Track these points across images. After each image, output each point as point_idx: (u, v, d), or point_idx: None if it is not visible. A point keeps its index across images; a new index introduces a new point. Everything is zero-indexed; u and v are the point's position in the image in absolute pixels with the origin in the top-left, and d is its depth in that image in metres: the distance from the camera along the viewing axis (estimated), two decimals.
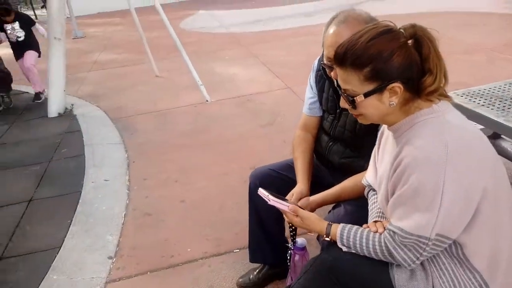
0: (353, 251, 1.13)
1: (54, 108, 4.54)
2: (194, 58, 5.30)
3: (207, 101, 4.52)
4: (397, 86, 1.00)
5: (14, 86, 5.89)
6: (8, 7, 4.90)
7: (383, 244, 1.06)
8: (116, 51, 8.17)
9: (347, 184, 1.50)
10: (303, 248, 1.54)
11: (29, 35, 5.04)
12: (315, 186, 1.62)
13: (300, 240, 1.54)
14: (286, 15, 9.95)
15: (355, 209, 1.44)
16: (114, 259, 2.27)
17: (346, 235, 1.14)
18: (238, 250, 2.19)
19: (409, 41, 1.01)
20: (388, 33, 1.00)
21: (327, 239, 1.19)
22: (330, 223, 1.20)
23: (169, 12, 3.71)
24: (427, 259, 1.07)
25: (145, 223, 2.56)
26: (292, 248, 1.55)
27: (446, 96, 1.06)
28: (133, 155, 3.49)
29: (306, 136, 1.73)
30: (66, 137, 3.90)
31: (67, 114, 4.54)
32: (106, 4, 14.42)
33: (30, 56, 5.03)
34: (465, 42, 5.68)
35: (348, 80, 1.04)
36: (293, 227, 1.53)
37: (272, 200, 1.24)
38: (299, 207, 1.31)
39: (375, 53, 0.99)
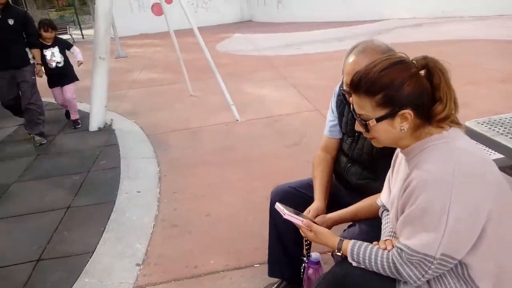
0: (363, 267, 1.19)
1: (95, 122, 4.84)
2: (227, 79, 5.53)
3: (237, 120, 4.69)
4: (408, 112, 1.08)
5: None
6: (53, 24, 4.73)
7: (390, 261, 1.12)
8: (154, 70, 8.59)
9: (363, 204, 1.57)
10: (317, 262, 1.60)
11: (67, 60, 4.89)
12: (334, 205, 1.70)
13: (314, 255, 1.60)
14: (317, 40, 10.13)
15: (370, 228, 1.50)
16: (142, 266, 2.40)
17: (356, 250, 1.20)
18: (258, 265, 2.27)
19: (421, 72, 1.09)
20: (399, 63, 1.10)
21: (338, 254, 1.26)
22: (342, 238, 1.27)
23: (206, 35, 3.91)
24: (434, 278, 1.12)
25: (172, 234, 2.69)
26: (307, 261, 1.62)
27: (457, 123, 1.13)
28: (164, 169, 3.67)
29: (326, 157, 1.82)
30: (105, 150, 4.16)
31: (107, 129, 4.82)
32: (148, 26, 15.18)
33: (70, 89, 4.90)
34: (503, 71, 5.59)
35: (362, 106, 1.13)
36: (308, 242, 1.60)
37: (287, 214, 1.33)
38: (314, 222, 1.40)
39: (387, 81, 1.08)
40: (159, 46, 11.96)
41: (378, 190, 1.50)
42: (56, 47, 4.71)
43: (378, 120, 1.11)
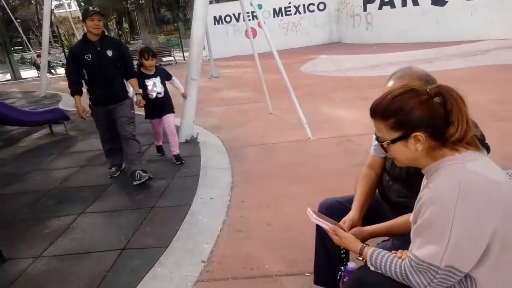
0: (379, 271, 1.31)
1: (183, 135, 5.41)
2: (306, 99, 5.76)
3: (309, 138, 4.88)
4: (419, 135, 1.19)
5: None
6: (153, 51, 4.48)
7: (402, 268, 1.23)
8: (241, 89, 9.18)
9: (398, 221, 1.66)
10: (353, 271, 1.71)
11: (167, 91, 4.58)
12: (376, 220, 1.79)
13: (350, 264, 1.72)
14: (404, 61, 9.84)
15: (402, 243, 1.59)
16: (206, 263, 2.70)
17: (375, 256, 1.33)
18: (308, 274, 2.41)
19: (436, 98, 1.21)
20: (411, 92, 1.22)
21: (360, 258, 1.39)
22: (365, 245, 1.40)
23: (293, 56, 4.07)
24: None
25: (236, 238, 2.97)
26: (343, 270, 1.74)
27: (475, 146, 1.21)
28: (237, 180, 4.00)
29: (370, 173, 1.93)
30: (188, 159, 4.65)
31: (193, 141, 5.36)
32: (240, 49, 16.16)
33: (171, 119, 4.58)
34: None
35: (379, 129, 1.28)
36: (344, 250, 1.73)
37: (314, 218, 1.49)
38: (343, 229, 1.54)
39: (398, 107, 1.21)
40: (249, 67, 12.67)
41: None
42: (158, 77, 4.41)
43: (393, 141, 1.24)
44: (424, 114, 1.19)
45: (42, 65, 12.59)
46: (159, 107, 4.49)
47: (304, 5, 17.26)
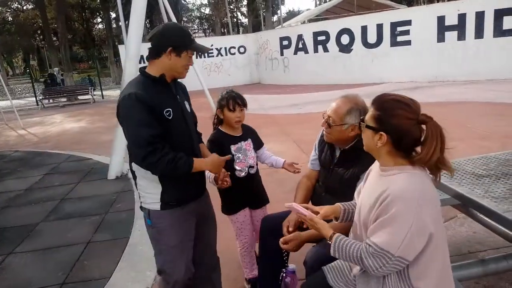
0: (337, 255, 1.50)
1: (113, 172, 5.39)
2: None
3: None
4: (384, 136, 1.40)
5: (79, 153, 7.00)
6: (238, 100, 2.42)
7: (359, 252, 1.42)
8: None
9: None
10: (293, 272, 2.01)
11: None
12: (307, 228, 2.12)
13: (291, 265, 2.02)
14: (319, 100, 10.88)
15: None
16: None
17: (339, 241, 1.51)
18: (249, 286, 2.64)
19: (420, 123, 1.38)
20: (407, 106, 1.40)
21: (329, 242, 1.57)
22: (335, 232, 1.58)
23: (217, 95, 4.36)
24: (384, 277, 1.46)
25: None
26: (285, 271, 2.02)
27: (433, 170, 1.42)
28: None
29: (307, 182, 2.34)
30: (121, 195, 4.65)
31: (123, 177, 5.35)
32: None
33: (265, 211, 2.69)
34: (484, 129, 6.11)
35: (370, 111, 1.47)
36: (286, 254, 2.02)
37: (295, 204, 1.67)
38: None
39: (388, 107, 1.41)
40: None
41: None
42: (249, 139, 2.54)
43: (367, 126, 1.46)
44: (399, 126, 1.38)
45: None
46: (251, 190, 2.56)
47: (225, 48, 18.19)
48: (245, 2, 42.66)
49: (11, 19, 38.95)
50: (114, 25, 31.83)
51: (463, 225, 3.22)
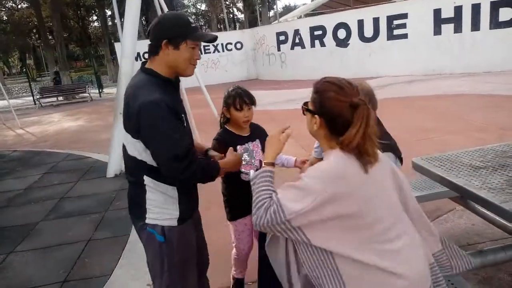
0: (252, 184, 1.48)
1: (112, 170, 5.39)
2: None
3: None
4: (317, 118, 1.41)
5: (77, 152, 7.01)
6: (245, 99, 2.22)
7: (261, 199, 1.39)
8: None
9: None
10: None
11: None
12: None
13: None
14: None
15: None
16: (152, 286, 2.80)
17: (263, 174, 1.48)
18: (251, 283, 2.66)
19: (353, 106, 1.34)
20: (342, 89, 1.39)
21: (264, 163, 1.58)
22: (272, 165, 1.54)
23: (215, 92, 4.35)
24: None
25: None
26: None
27: (366, 155, 1.36)
28: None
29: None
30: (120, 193, 4.66)
31: (122, 175, 5.36)
32: None
33: None
34: (481, 122, 6.13)
35: (310, 99, 1.47)
36: None
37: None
38: None
39: (322, 90, 1.41)
40: None
41: None
42: (257, 140, 2.36)
43: (307, 110, 1.46)
44: (332, 110, 1.38)
45: None
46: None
47: (222, 44, 18.13)
48: None
49: (6, 18, 38.72)
50: (110, 23, 31.70)
51: (462, 217, 3.24)
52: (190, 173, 1.58)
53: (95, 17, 41.49)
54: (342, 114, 1.36)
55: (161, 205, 1.70)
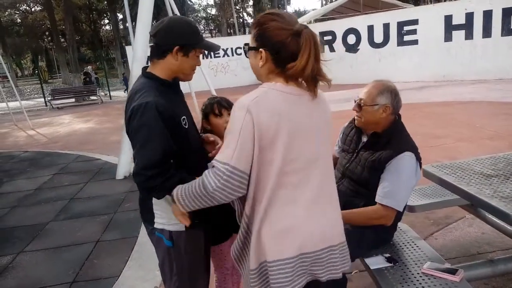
0: (184, 200, 1.38)
1: (121, 172, 5.44)
2: None
3: None
4: (263, 52, 1.31)
5: (87, 153, 7.08)
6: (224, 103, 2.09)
7: (201, 178, 1.32)
8: None
9: (360, 210, 1.99)
10: None
11: None
12: None
13: None
14: (328, 100, 10.86)
15: None
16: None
17: (180, 190, 1.41)
18: None
19: (296, 37, 1.28)
20: (283, 19, 1.32)
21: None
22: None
23: (225, 95, 4.37)
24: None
25: None
26: None
27: (310, 86, 1.34)
28: None
29: None
30: (129, 195, 4.69)
31: (131, 177, 5.39)
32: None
33: None
34: (493, 129, 6.07)
35: (251, 37, 1.38)
36: None
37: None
38: None
39: (263, 22, 1.33)
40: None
41: (357, 206, 1.99)
42: None
43: (250, 48, 1.37)
44: (276, 39, 1.30)
45: None
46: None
47: (232, 49, 18.22)
48: (251, 3, 42.80)
49: (20, 21, 39.38)
50: (121, 26, 32.07)
51: (472, 225, 3.21)
52: (155, 185, 1.47)
53: (106, 21, 42.01)
54: (287, 43, 1.29)
55: (167, 210, 1.65)
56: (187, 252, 1.73)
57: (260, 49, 1.32)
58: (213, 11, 49.53)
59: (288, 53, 1.29)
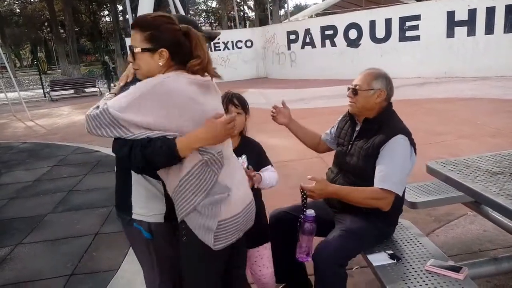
0: None
1: None
2: None
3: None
4: (165, 51, 1.43)
5: (87, 145, 7.04)
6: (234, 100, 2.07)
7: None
8: None
9: (358, 188, 2.00)
10: (312, 218, 1.90)
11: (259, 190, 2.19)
12: (323, 228, 2.07)
13: (309, 211, 1.92)
14: (325, 96, 10.84)
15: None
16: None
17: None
18: None
19: (185, 33, 1.46)
20: (170, 19, 1.47)
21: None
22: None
23: (225, 89, 4.34)
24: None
25: None
26: (303, 217, 1.94)
27: (210, 75, 1.56)
28: None
29: (318, 139, 2.56)
30: None
31: None
32: None
33: (268, 254, 2.20)
34: (495, 127, 6.05)
35: (134, 38, 1.46)
36: (305, 197, 1.97)
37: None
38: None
39: (157, 25, 1.44)
40: None
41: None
42: (244, 156, 2.05)
43: (143, 50, 1.44)
44: (174, 38, 1.45)
45: None
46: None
47: (232, 42, 18.10)
48: None
49: (19, 11, 39.09)
50: (121, 18, 31.83)
51: (473, 223, 3.19)
52: (125, 152, 1.41)
53: (106, 12, 41.71)
54: (183, 42, 1.46)
55: (147, 200, 1.64)
56: (166, 243, 1.71)
57: (161, 50, 1.44)
58: (214, 4, 49.26)
59: (187, 51, 1.47)
